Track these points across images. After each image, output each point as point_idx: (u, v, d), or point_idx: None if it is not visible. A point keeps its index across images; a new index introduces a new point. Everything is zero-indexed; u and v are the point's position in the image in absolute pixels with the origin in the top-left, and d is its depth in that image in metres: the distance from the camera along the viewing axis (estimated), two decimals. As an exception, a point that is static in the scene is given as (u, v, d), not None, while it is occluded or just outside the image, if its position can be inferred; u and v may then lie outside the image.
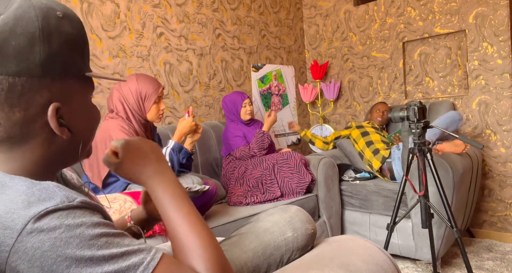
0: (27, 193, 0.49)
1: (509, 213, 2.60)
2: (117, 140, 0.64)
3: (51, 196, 0.49)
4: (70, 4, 2.01)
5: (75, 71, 0.58)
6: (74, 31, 0.57)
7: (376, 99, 3.20)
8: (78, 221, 0.48)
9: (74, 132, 0.59)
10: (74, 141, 0.60)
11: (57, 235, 0.46)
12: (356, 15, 3.26)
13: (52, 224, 0.46)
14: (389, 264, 0.87)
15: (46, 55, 0.53)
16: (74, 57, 0.57)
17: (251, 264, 0.79)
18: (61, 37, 0.54)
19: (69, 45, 0.56)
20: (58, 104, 0.56)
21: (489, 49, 2.60)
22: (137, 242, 0.53)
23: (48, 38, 0.53)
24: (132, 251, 0.51)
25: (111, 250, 0.49)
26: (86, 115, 0.62)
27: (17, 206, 0.47)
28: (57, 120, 0.56)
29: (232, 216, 1.85)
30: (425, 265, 2.24)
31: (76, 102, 0.59)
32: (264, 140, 2.29)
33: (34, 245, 0.45)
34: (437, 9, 2.80)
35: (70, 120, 0.58)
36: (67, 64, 0.56)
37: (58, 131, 0.56)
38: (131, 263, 0.49)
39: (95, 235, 0.49)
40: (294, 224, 0.87)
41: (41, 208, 0.47)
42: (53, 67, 0.54)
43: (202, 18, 2.69)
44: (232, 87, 2.90)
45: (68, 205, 0.49)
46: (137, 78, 1.70)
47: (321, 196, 2.32)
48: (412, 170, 1.98)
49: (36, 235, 0.46)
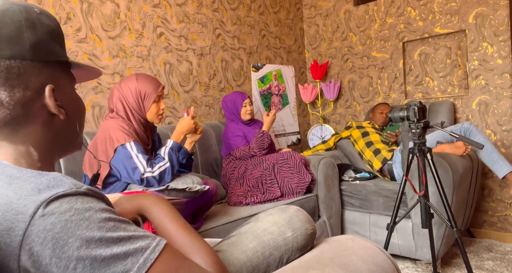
0: (36, 182, 0.52)
1: (509, 213, 2.60)
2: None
3: (59, 184, 0.52)
4: (70, 4, 2.01)
5: (58, 58, 0.63)
6: (52, 24, 0.64)
7: (376, 99, 3.19)
8: (86, 205, 0.51)
9: (69, 115, 0.65)
10: (70, 122, 0.66)
11: (67, 218, 0.49)
12: (356, 15, 3.26)
13: (62, 208, 0.49)
14: (389, 264, 0.87)
15: (34, 41, 0.59)
16: (55, 46, 0.63)
17: (250, 264, 0.79)
18: (43, 27, 0.61)
19: (51, 35, 0.62)
20: (53, 86, 0.61)
21: (489, 49, 2.59)
22: (142, 229, 0.57)
23: (33, 26, 0.59)
24: (139, 236, 0.54)
25: (119, 233, 0.52)
26: (74, 101, 0.68)
27: (27, 193, 0.50)
28: (54, 101, 0.61)
29: (232, 216, 1.85)
30: (425, 265, 2.23)
31: (65, 88, 0.65)
32: (264, 140, 2.29)
33: (46, 227, 0.48)
34: (437, 9, 2.80)
35: (65, 103, 0.64)
36: (52, 51, 0.62)
37: (56, 110, 0.62)
38: (138, 246, 0.53)
39: (103, 218, 0.52)
40: (293, 224, 0.87)
41: (51, 193, 0.50)
42: (41, 52, 0.60)
43: (202, 18, 2.69)
44: (232, 87, 2.90)
45: (76, 191, 0.52)
46: (137, 77, 1.70)
47: (321, 196, 2.32)
48: (412, 170, 1.98)
49: (48, 218, 0.48)
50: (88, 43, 2.08)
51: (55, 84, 0.63)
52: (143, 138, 1.72)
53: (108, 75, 2.16)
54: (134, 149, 1.57)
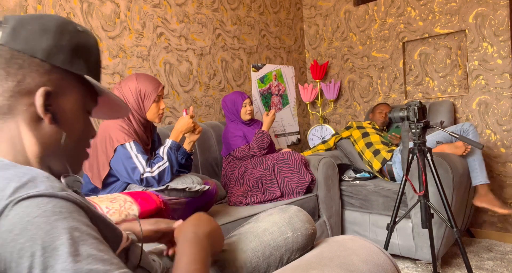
0: (15, 180, 0.49)
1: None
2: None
3: (37, 184, 0.49)
4: (70, 4, 2.01)
5: (73, 69, 0.62)
6: (85, 42, 0.65)
7: (376, 99, 3.19)
8: (57, 209, 0.47)
9: (60, 124, 0.61)
10: (59, 132, 0.61)
11: (30, 219, 0.45)
12: (356, 15, 3.26)
13: (29, 209, 0.46)
14: (389, 264, 0.86)
15: (52, 45, 0.60)
16: (77, 59, 0.63)
17: (250, 264, 0.79)
18: (71, 39, 0.62)
19: (76, 48, 0.63)
20: (50, 90, 0.59)
21: (489, 49, 2.59)
22: (113, 254, 0.49)
23: (60, 34, 0.61)
24: (101, 259, 0.46)
25: (80, 246, 0.45)
26: (73, 117, 0.63)
27: (4, 193, 0.47)
28: (43, 103, 0.58)
29: (232, 216, 1.85)
30: (425, 265, 2.23)
31: (70, 100, 0.63)
32: (263, 140, 2.29)
33: (8, 228, 0.45)
34: (437, 9, 2.80)
35: (58, 112, 0.61)
36: (68, 61, 0.61)
37: (41, 112, 0.58)
38: (94, 269, 0.44)
39: (70, 227, 0.46)
40: (293, 224, 0.87)
41: (22, 193, 0.47)
42: (55, 57, 0.60)
43: (202, 18, 2.69)
44: (232, 87, 2.90)
45: (52, 193, 0.48)
46: (137, 77, 1.70)
47: (321, 196, 2.32)
48: (412, 170, 1.98)
49: (11, 218, 0.45)
50: (88, 43, 2.08)
51: (60, 92, 0.61)
52: (143, 137, 1.72)
53: (108, 75, 2.16)
54: (133, 148, 1.57)
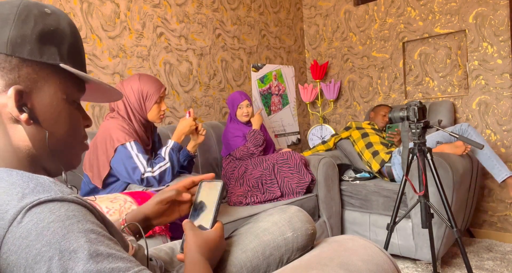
0: (22, 186, 0.48)
1: (509, 213, 2.60)
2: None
3: (46, 189, 0.48)
4: (70, 4, 2.01)
5: (46, 60, 0.57)
6: (55, 25, 0.59)
7: (376, 99, 3.19)
8: (70, 213, 0.47)
9: (41, 122, 0.58)
10: (41, 131, 0.58)
11: (45, 225, 0.45)
12: (356, 15, 3.26)
13: (42, 214, 0.45)
14: (389, 264, 0.86)
15: (15, 36, 0.55)
16: (47, 47, 0.58)
17: (250, 264, 0.79)
18: (37, 26, 0.57)
19: (44, 34, 0.57)
20: (21, 88, 0.55)
21: (489, 49, 2.59)
22: (127, 254, 0.51)
23: (22, 23, 0.55)
24: (121, 257, 0.48)
25: (99, 247, 0.47)
26: (58, 112, 0.60)
27: (11, 198, 0.47)
28: (17, 103, 0.55)
29: (232, 216, 1.85)
30: (425, 265, 2.23)
31: (48, 95, 0.59)
32: (256, 137, 2.32)
33: (22, 235, 0.44)
34: (437, 9, 2.80)
35: (36, 110, 0.57)
36: (38, 51, 0.56)
37: (15, 113, 0.55)
38: (116, 267, 0.46)
39: (85, 229, 0.47)
40: (294, 224, 0.87)
41: (34, 198, 0.46)
42: (21, 49, 0.55)
43: (202, 18, 2.69)
44: (232, 87, 2.90)
45: (62, 197, 0.48)
46: (140, 78, 1.71)
47: (321, 196, 2.32)
48: (412, 170, 1.98)
49: (25, 225, 0.45)
50: (88, 43, 2.08)
51: (34, 87, 0.57)
52: (143, 138, 1.72)
53: (108, 75, 2.16)
54: (134, 148, 1.57)
